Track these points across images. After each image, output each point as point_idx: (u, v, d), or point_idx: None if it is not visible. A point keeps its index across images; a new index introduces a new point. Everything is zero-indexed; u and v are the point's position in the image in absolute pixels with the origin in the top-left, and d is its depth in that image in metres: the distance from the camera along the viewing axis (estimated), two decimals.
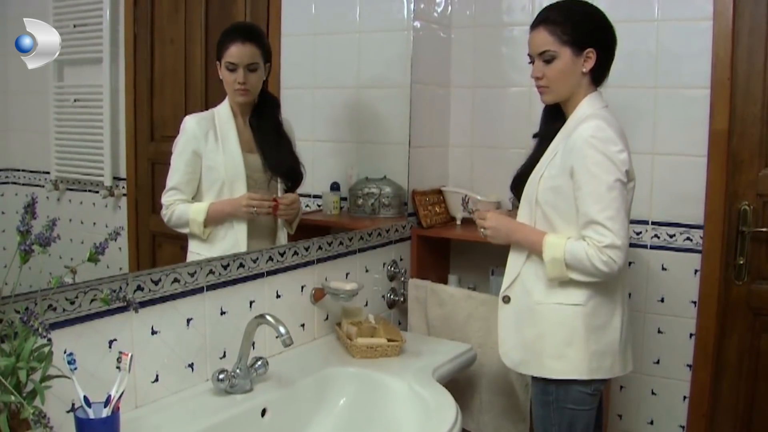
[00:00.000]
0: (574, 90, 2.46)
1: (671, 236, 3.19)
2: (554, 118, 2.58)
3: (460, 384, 2.98)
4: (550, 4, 2.51)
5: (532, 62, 2.49)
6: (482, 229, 2.60)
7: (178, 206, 2.43)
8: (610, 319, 2.46)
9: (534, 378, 2.53)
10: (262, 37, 2.65)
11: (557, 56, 2.41)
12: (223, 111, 2.55)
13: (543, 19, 2.45)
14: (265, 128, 2.64)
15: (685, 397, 3.23)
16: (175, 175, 2.43)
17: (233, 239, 2.51)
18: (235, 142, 2.54)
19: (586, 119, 2.39)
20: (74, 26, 2.23)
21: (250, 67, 2.52)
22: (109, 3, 2.28)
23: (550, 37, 2.41)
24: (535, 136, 2.68)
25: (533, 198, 2.48)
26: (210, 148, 2.49)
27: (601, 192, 2.32)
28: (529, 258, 2.50)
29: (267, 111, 2.66)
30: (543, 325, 2.46)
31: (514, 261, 2.56)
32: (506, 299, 2.57)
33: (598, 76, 2.49)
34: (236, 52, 2.50)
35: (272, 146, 2.64)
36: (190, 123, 2.47)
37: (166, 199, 2.41)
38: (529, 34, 2.49)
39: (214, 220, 2.48)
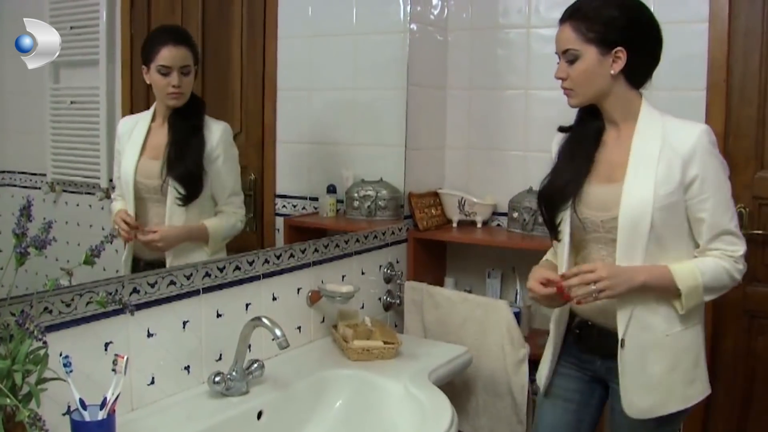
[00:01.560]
0: (602, 93, 2.25)
1: None
2: (593, 116, 2.35)
3: (456, 386, 2.98)
4: None
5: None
6: (592, 286, 2.15)
7: (113, 204, 2.37)
8: (703, 329, 2.36)
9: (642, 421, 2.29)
10: (192, 40, 2.52)
11: (580, 56, 2.19)
12: (146, 114, 2.45)
13: (569, 15, 2.23)
14: (180, 130, 2.47)
15: None
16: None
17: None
18: (136, 146, 2.40)
19: (676, 122, 2.26)
20: (71, 28, 2.23)
21: (184, 70, 2.41)
22: (106, 4, 2.29)
23: (574, 34, 2.20)
24: (565, 129, 2.44)
25: (647, 221, 2.17)
26: (124, 150, 2.39)
27: (728, 200, 2.21)
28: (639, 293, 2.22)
29: (188, 114, 2.49)
30: (673, 356, 2.25)
31: (624, 300, 2.22)
32: (623, 343, 2.25)
33: (636, 78, 2.27)
34: (169, 54, 2.39)
35: (178, 149, 2.46)
36: (120, 123, 2.39)
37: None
38: None
39: None
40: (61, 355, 1.72)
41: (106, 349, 2.01)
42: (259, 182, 2.83)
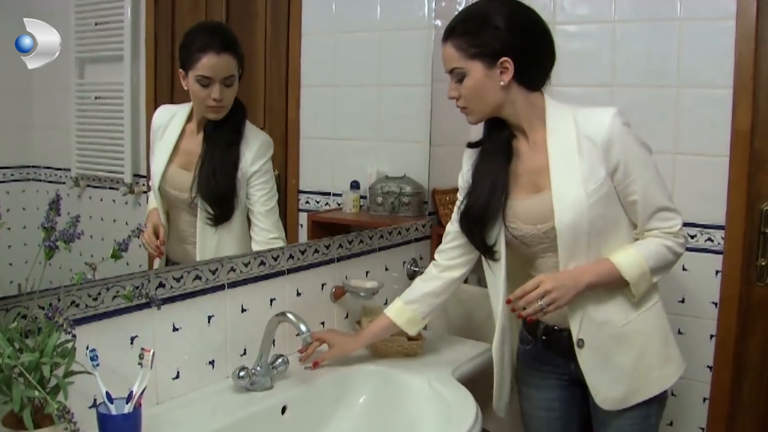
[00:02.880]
0: (498, 105, 2.20)
1: (692, 236, 3.16)
2: (499, 127, 2.31)
3: (478, 383, 2.97)
4: (457, 13, 2.26)
5: None
6: (539, 302, 2.14)
7: (150, 196, 2.34)
8: (662, 306, 2.35)
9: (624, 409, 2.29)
10: (238, 44, 2.37)
11: (467, 73, 2.15)
12: (182, 112, 2.37)
13: (449, 33, 2.18)
14: (214, 145, 2.35)
15: (705, 399, 3.20)
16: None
17: None
18: (166, 150, 2.32)
19: (585, 111, 2.20)
20: (95, 24, 2.24)
21: (227, 81, 2.28)
22: (130, 0, 2.29)
23: (457, 52, 2.15)
24: (474, 145, 2.42)
25: (584, 221, 2.15)
26: (155, 147, 2.32)
27: (655, 176, 2.19)
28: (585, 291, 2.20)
29: (227, 125, 2.37)
30: (639, 343, 2.25)
31: (574, 300, 2.20)
32: (581, 343, 2.25)
33: (532, 82, 2.23)
34: (211, 64, 2.25)
35: (211, 166, 2.34)
36: (156, 113, 2.34)
37: None
38: None
39: None
40: (87, 348, 1.74)
41: (131, 343, 2.02)
42: (282, 178, 2.83)
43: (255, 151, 2.44)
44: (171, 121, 2.35)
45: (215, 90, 2.27)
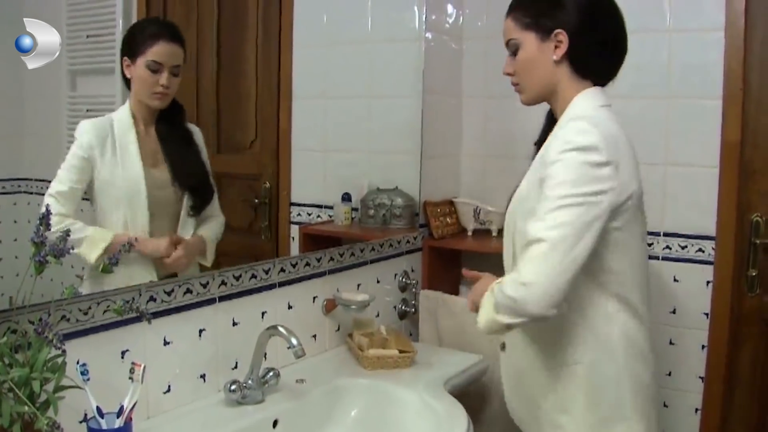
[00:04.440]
0: (549, 84, 2.06)
1: (683, 247, 3.17)
2: (552, 122, 2.16)
3: (470, 395, 2.97)
4: None
5: None
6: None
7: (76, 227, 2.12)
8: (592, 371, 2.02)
9: None
10: (183, 38, 2.38)
11: (520, 44, 2.03)
12: (123, 117, 2.27)
13: (509, 8, 2.09)
14: (174, 137, 2.37)
15: (697, 410, 3.21)
16: (56, 185, 2.13)
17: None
18: (135, 155, 2.26)
19: (571, 120, 1.97)
20: (87, 36, 2.23)
21: (174, 70, 2.29)
22: (122, 13, 2.29)
23: (512, 23, 2.05)
24: (537, 144, 2.25)
25: (513, 225, 2.08)
26: (107, 160, 2.22)
27: (557, 207, 1.84)
28: None
29: (173, 118, 2.37)
30: (538, 385, 2.08)
31: None
32: (502, 346, 2.19)
33: (584, 65, 2.04)
34: (163, 51, 2.27)
35: (182, 156, 2.37)
36: (86, 128, 2.19)
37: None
38: None
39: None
40: (78, 362, 1.73)
41: (122, 357, 2.02)
42: (274, 190, 2.83)
43: (202, 139, 2.48)
44: (111, 133, 2.24)
45: (164, 77, 2.27)
